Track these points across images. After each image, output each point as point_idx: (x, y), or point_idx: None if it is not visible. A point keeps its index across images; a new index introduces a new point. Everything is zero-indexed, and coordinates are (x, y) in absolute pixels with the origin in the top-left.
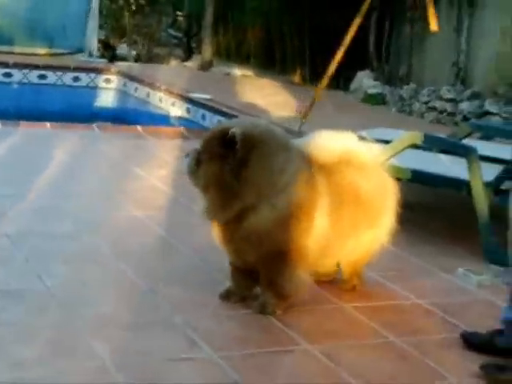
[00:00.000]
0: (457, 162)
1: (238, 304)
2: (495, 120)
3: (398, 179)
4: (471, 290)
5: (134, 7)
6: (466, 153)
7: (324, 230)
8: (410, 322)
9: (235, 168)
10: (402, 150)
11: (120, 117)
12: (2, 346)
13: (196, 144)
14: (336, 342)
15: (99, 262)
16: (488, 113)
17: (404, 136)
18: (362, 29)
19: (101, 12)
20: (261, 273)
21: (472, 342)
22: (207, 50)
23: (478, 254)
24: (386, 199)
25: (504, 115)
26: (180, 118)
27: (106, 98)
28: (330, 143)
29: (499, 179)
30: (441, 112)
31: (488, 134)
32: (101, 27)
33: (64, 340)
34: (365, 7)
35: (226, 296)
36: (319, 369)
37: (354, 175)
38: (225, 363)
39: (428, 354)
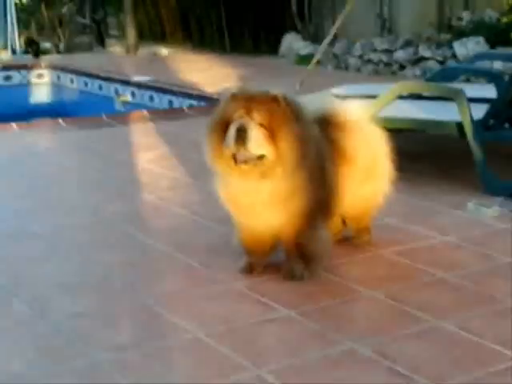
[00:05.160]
0: (436, 107)
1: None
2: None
3: (388, 130)
4: (487, 222)
5: None
6: (455, 95)
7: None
8: (448, 258)
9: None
10: (391, 101)
11: (59, 111)
12: (95, 333)
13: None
14: (392, 284)
15: (140, 246)
16: (423, 58)
17: (394, 87)
18: None
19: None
20: (285, 237)
21: None
22: (131, 33)
23: (477, 188)
24: (376, 152)
25: (438, 58)
26: (126, 102)
27: (42, 94)
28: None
29: (487, 117)
30: (377, 63)
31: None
32: (18, 23)
33: (148, 321)
34: None
35: (249, 269)
36: (390, 310)
37: (336, 133)
38: (304, 319)
39: (479, 283)
